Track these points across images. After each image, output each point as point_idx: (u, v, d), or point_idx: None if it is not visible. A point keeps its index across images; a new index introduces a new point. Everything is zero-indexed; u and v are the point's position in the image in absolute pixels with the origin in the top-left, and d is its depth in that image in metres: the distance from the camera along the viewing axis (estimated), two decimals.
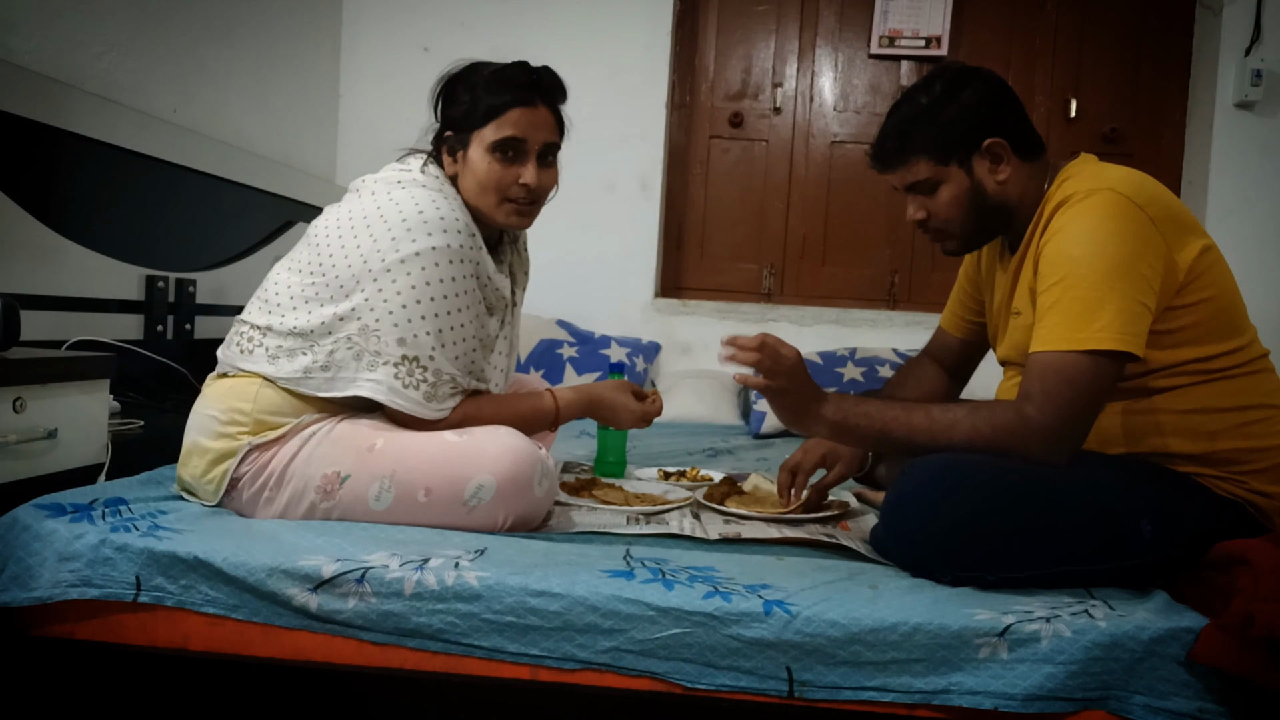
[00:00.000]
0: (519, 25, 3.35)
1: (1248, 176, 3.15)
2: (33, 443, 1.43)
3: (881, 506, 1.35)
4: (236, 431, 1.37)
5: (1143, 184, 1.32)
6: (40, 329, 1.87)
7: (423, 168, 1.47)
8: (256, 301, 1.45)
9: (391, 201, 1.39)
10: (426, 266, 1.35)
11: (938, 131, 1.39)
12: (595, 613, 1.11)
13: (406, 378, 1.36)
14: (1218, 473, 1.31)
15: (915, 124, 1.41)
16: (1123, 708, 1.06)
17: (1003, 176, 1.40)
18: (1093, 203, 1.29)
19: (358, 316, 1.36)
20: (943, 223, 1.44)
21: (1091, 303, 1.24)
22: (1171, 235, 1.29)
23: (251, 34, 2.85)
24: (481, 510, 1.33)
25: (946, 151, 1.39)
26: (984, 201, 1.41)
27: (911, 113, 1.41)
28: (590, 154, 3.42)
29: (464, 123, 1.45)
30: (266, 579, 1.16)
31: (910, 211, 1.46)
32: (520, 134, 1.43)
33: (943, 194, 1.41)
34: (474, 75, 1.47)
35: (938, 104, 1.40)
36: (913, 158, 1.41)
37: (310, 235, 1.46)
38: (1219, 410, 1.31)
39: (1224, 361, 1.31)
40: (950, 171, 1.40)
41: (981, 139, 1.39)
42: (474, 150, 1.44)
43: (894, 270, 3.45)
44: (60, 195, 2.01)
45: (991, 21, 3.40)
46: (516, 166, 1.45)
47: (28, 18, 1.97)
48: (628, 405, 1.62)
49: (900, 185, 1.45)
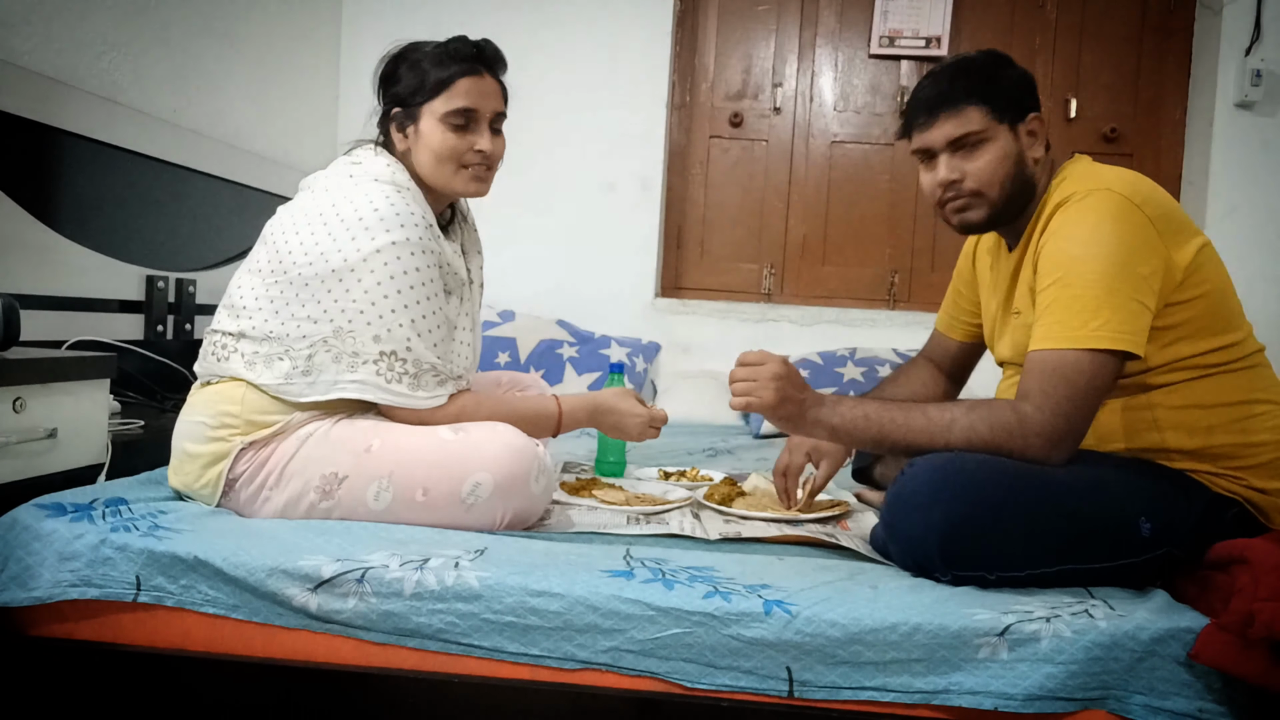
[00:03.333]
0: (519, 25, 3.34)
1: (1248, 176, 3.15)
2: (33, 443, 1.43)
3: (881, 506, 1.35)
4: (228, 434, 1.37)
5: (1139, 184, 1.33)
6: (40, 329, 1.87)
7: (375, 152, 1.48)
8: (224, 309, 1.45)
9: (345, 199, 1.39)
10: (389, 262, 1.35)
11: (999, 87, 1.38)
12: (595, 613, 1.11)
13: (388, 372, 1.36)
14: (1215, 469, 1.31)
15: (977, 75, 1.38)
16: (1123, 708, 1.06)
17: (1037, 154, 1.40)
18: (1091, 202, 1.30)
19: (330, 319, 1.36)
20: (978, 185, 1.38)
21: (1089, 301, 1.24)
22: (1169, 235, 1.29)
23: (251, 34, 2.85)
24: (480, 508, 1.33)
25: (1003, 107, 1.37)
26: (1020, 172, 1.38)
27: (971, 64, 1.39)
28: (590, 154, 3.45)
29: (412, 98, 1.47)
30: (266, 579, 1.16)
31: (943, 173, 1.39)
32: (471, 104, 1.46)
33: (985, 153, 1.37)
34: (415, 53, 1.50)
35: (995, 65, 1.39)
36: (969, 105, 1.36)
37: (266, 235, 1.45)
38: (1215, 406, 1.31)
39: (1220, 356, 1.32)
40: (1000, 130, 1.37)
41: (1029, 111, 1.39)
42: (425, 123, 1.47)
43: (894, 270, 3.45)
44: (60, 195, 2.01)
45: (991, 21, 3.40)
46: (470, 135, 1.47)
47: (28, 18, 1.97)
48: (634, 411, 1.59)
49: (940, 141, 1.38)
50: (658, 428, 1.61)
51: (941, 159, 1.39)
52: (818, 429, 1.37)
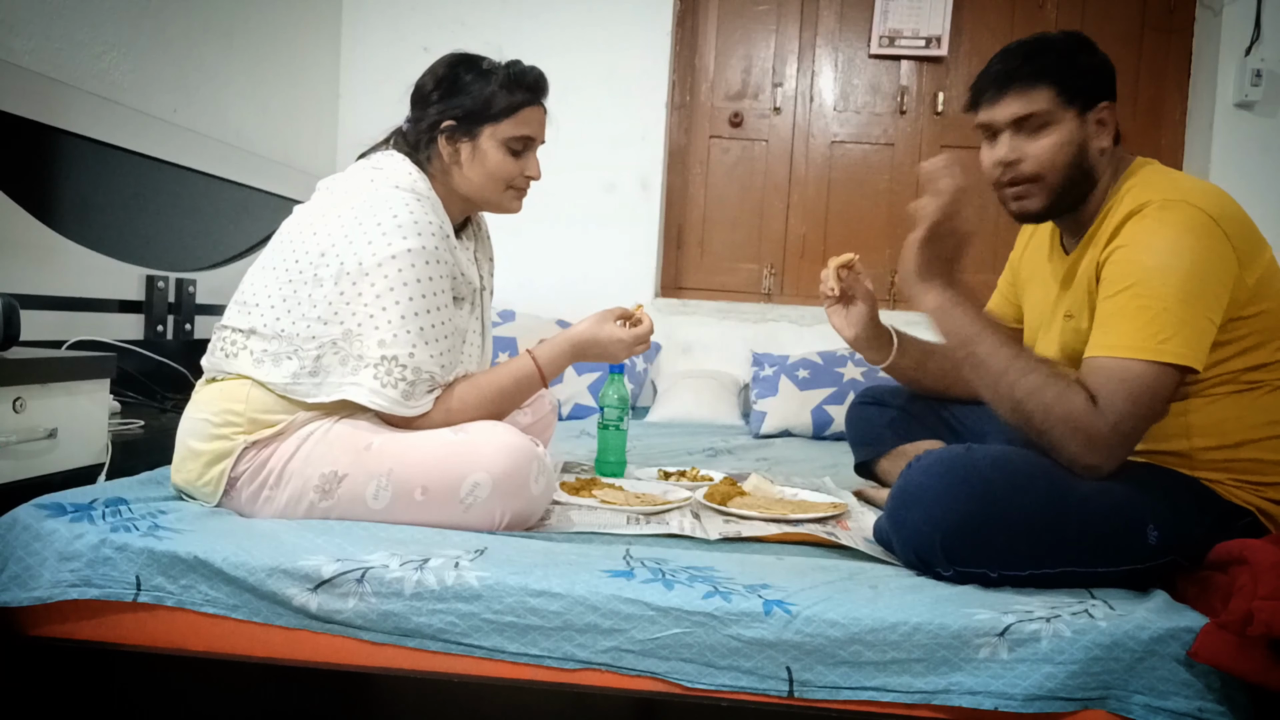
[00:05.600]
0: (519, 25, 3.35)
1: (1248, 176, 3.15)
2: (33, 443, 1.43)
3: (887, 499, 1.34)
4: (231, 432, 1.37)
5: (1221, 200, 1.29)
6: (40, 329, 1.87)
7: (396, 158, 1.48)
8: (235, 305, 1.46)
9: (364, 203, 1.41)
10: (403, 269, 1.36)
11: (1073, 69, 1.34)
12: (595, 612, 1.11)
13: (385, 377, 1.36)
14: (1234, 479, 1.30)
15: (1052, 54, 1.35)
16: (1123, 707, 1.06)
17: (1104, 144, 1.36)
18: (1172, 215, 1.26)
19: (340, 321, 1.37)
20: (1037, 169, 1.35)
21: (1162, 314, 1.21)
22: (1244, 254, 1.26)
23: (251, 34, 2.85)
24: (478, 508, 1.33)
25: (1074, 91, 1.33)
26: (1082, 161, 1.35)
27: (1049, 44, 1.36)
28: (590, 154, 3.44)
29: (475, 117, 1.49)
30: (266, 579, 1.16)
31: (1002, 151, 1.37)
32: (532, 133, 1.54)
33: (1049, 136, 1.34)
34: (479, 69, 1.51)
35: (1074, 48, 1.36)
36: (1039, 84, 1.33)
37: (282, 235, 1.46)
38: (1252, 423, 1.29)
39: (1267, 374, 1.29)
40: (1068, 115, 1.34)
41: (1101, 99, 1.36)
42: (485, 143, 1.50)
43: (894, 270, 3.45)
44: (60, 195, 2.02)
45: (991, 21, 3.40)
46: (522, 160, 1.54)
47: (28, 18, 1.98)
48: (615, 335, 1.55)
49: (1004, 119, 1.36)
50: (646, 342, 1.59)
51: (1004, 137, 1.37)
52: (929, 294, 1.34)
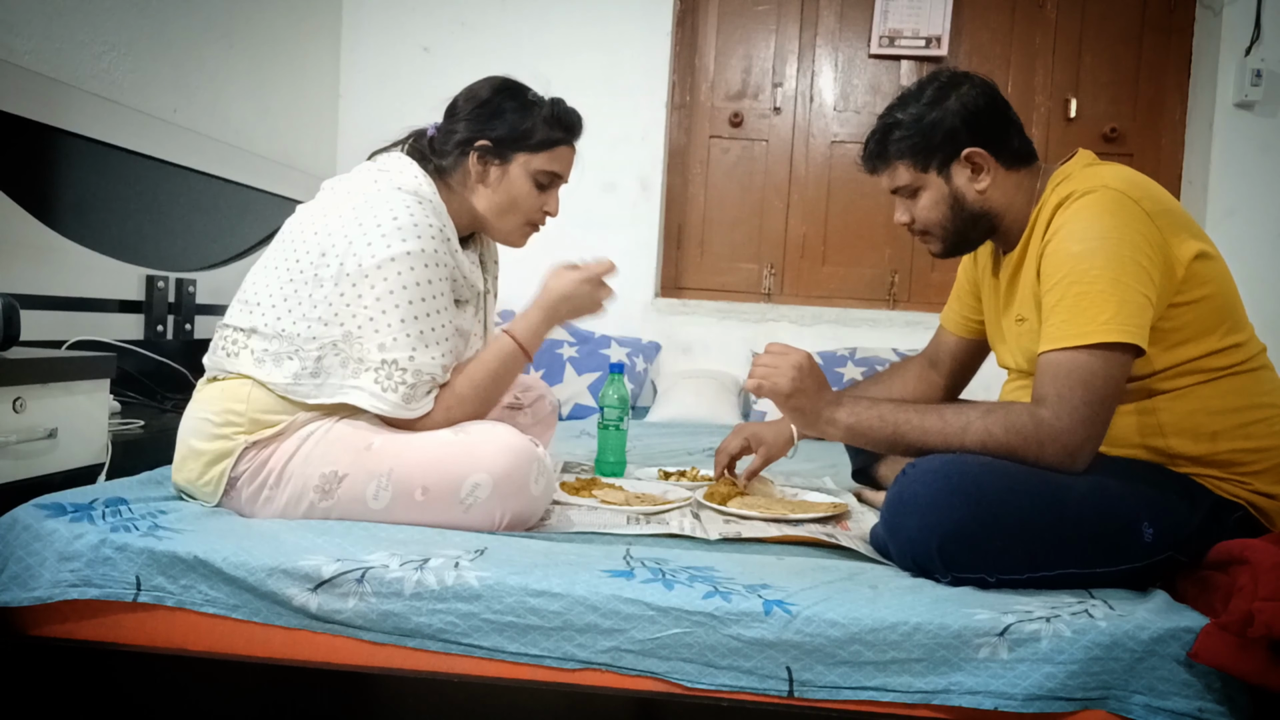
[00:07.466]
0: (519, 25, 3.35)
1: (1248, 176, 3.15)
2: (33, 443, 1.43)
3: (882, 506, 1.35)
4: (232, 432, 1.37)
5: (1136, 180, 1.34)
6: (40, 329, 1.87)
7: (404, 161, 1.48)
8: (237, 304, 1.46)
9: (366, 204, 1.41)
10: (403, 271, 1.36)
11: (918, 138, 1.42)
12: (595, 612, 1.11)
13: (385, 380, 1.36)
14: (1220, 474, 1.31)
15: (898, 129, 1.43)
16: (1123, 707, 1.06)
17: (982, 185, 1.42)
18: (1089, 200, 1.30)
19: (340, 322, 1.37)
20: (924, 226, 1.47)
21: (1096, 297, 1.24)
22: (1167, 229, 1.29)
23: (251, 34, 2.85)
24: (478, 508, 1.33)
25: (925, 158, 1.42)
26: (964, 209, 1.44)
27: (895, 118, 1.44)
28: (590, 154, 3.41)
29: (514, 142, 1.50)
30: (266, 579, 1.16)
31: (897, 214, 1.51)
32: (561, 170, 1.55)
33: (923, 199, 1.45)
34: (525, 99, 1.52)
35: (922, 111, 1.42)
36: (893, 162, 1.45)
37: (285, 235, 1.46)
38: (1220, 411, 1.31)
39: (1224, 359, 1.31)
40: (929, 178, 1.44)
41: (961, 148, 1.40)
42: (516, 169, 1.51)
43: (894, 270, 3.45)
44: (60, 195, 2.02)
45: (991, 21, 3.40)
46: (544, 195, 1.55)
47: (28, 18, 1.98)
48: (574, 278, 1.51)
49: (887, 189, 1.50)
50: (607, 285, 1.54)
51: (896, 200, 1.51)
52: (831, 427, 1.38)
